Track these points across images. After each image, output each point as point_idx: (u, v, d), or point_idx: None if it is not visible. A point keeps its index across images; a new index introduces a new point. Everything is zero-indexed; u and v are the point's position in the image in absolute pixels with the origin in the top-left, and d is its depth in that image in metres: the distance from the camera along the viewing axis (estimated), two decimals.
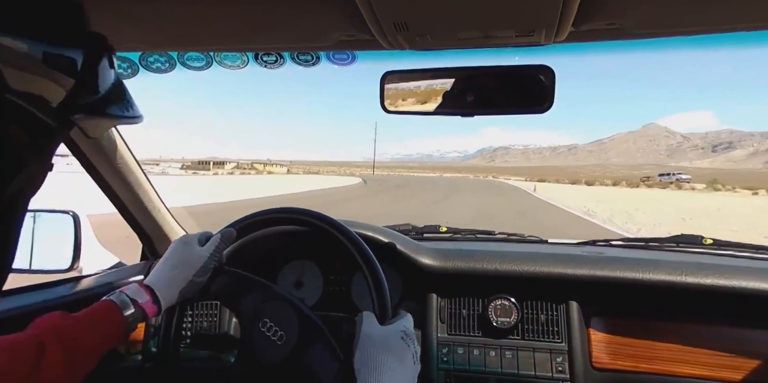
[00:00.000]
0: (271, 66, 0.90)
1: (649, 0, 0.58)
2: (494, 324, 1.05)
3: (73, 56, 0.34)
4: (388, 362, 0.60)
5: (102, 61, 0.38)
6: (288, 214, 0.81)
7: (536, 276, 1.06)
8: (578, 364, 1.01)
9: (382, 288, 0.71)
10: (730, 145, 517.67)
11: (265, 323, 0.71)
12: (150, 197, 1.25)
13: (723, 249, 1.23)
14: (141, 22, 0.69)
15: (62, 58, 0.34)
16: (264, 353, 0.70)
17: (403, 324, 0.66)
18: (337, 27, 0.68)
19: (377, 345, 0.61)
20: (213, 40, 0.78)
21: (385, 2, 0.57)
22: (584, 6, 0.57)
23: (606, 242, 1.35)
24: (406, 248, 1.12)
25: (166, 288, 0.70)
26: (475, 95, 0.81)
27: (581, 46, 0.75)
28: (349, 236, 0.76)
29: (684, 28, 0.66)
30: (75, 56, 0.35)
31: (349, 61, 0.88)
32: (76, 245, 1.18)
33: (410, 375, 0.62)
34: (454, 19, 0.63)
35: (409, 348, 0.63)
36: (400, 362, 0.61)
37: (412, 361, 0.63)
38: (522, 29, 0.65)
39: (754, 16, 0.60)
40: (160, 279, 0.71)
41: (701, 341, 0.97)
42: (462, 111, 0.82)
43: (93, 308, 0.65)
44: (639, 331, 1.01)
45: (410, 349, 0.63)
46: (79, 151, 1.06)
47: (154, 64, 0.91)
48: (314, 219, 0.78)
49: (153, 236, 1.31)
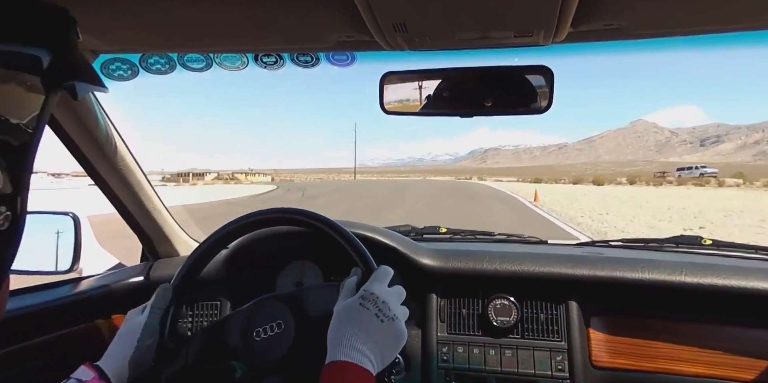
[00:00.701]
0: (271, 67, 0.90)
1: (646, 1, 0.58)
2: (494, 324, 1.05)
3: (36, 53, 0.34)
4: (346, 333, 0.61)
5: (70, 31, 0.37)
6: (281, 214, 0.82)
7: (536, 276, 1.06)
8: (578, 363, 1.01)
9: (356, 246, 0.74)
10: (718, 139, 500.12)
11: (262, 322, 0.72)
12: (150, 198, 1.25)
13: (722, 249, 1.23)
14: (141, 24, 0.69)
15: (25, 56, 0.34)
16: (262, 352, 0.70)
17: (365, 290, 0.67)
18: (337, 28, 0.69)
19: (339, 322, 0.64)
20: (213, 42, 0.78)
21: (384, 3, 0.57)
22: (582, 7, 0.58)
23: (605, 243, 1.35)
24: (406, 249, 1.12)
25: (112, 361, 0.69)
26: (474, 96, 0.82)
27: (580, 47, 0.75)
28: (321, 220, 0.78)
29: (681, 28, 0.66)
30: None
31: (349, 62, 0.88)
32: (76, 246, 1.18)
33: (380, 332, 0.63)
34: (453, 20, 0.63)
35: (369, 311, 0.64)
36: (359, 328, 0.62)
37: (378, 320, 0.63)
38: (520, 30, 0.66)
39: (751, 16, 0.60)
40: (107, 356, 0.70)
41: (700, 340, 0.97)
42: (461, 112, 0.82)
43: None
44: (638, 330, 1.01)
45: (370, 311, 0.64)
46: (79, 152, 1.06)
47: (154, 66, 0.91)
48: (306, 218, 0.80)
49: (153, 237, 1.31)
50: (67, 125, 0.99)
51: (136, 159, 1.18)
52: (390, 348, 0.64)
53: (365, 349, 0.60)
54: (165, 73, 0.92)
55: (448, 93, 0.83)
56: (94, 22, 0.70)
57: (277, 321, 0.72)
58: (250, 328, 0.72)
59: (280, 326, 0.72)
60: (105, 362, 0.69)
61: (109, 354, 0.70)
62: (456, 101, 0.83)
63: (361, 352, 0.60)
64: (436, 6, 0.59)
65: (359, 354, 0.59)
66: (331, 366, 0.59)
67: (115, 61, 0.90)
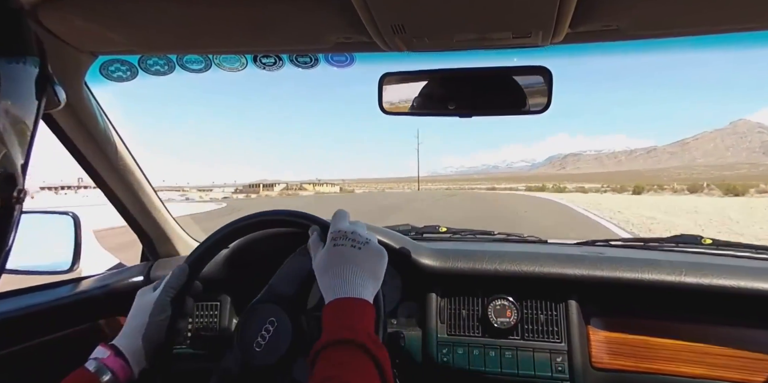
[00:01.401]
0: (269, 68, 0.91)
1: (644, 2, 0.58)
2: (494, 324, 1.05)
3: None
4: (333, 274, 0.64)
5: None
6: (275, 216, 0.83)
7: (536, 276, 1.06)
8: (578, 364, 1.01)
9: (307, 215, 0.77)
10: None
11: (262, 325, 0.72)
12: (150, 197, 1.25)
13: (722, 249, 1.23)
14: (140, 26, 0.70)
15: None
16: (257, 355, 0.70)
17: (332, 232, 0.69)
18: (335, 29, 0.69)
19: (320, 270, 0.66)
20: (212, 43, 0.78)
21: (382, 4, 0.57)
22: (580, 8, 0.58)
23: (605, 243, 1.35)
24: (406, 249, 1.12)
25: (126, 339, 0.70)
26: (472, 96, 0.82)
27: (579, 48, 0.75)
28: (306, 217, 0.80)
29: (679, 29, 0.66)
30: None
31: (348, 63, 0.88)
32: (76, 246, 1.18)
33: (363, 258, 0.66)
34: (451, 21, 0.63)
35: (344, 246, 0.67)
36: (341, 264, 0.65)
37: (356, 249, 0.66)
38: (519, 31, 0.65)
39: (748, 17, 0.60)
40: (122, 335, 0.72)
41: (701, 340, 0.97)
42: (460, 112, 0.82)
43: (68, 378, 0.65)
44: (638, 331, 1.01)
45: (344, 246, 0.67)
46: (78, 152, 1.06)
47: (153, 67, 0.91)
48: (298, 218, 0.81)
49: (153, 237, 1.32)
50: (65, 125, 0.99)
51: (136, 159, 1.18)
52: (378, 266, 0.67)
53: (358, 279, 0.63)
54: (164, 74, 0.92)
55: (446, 93, 0.83)
56: (93, 24, 0.70)
57: (270, 319, 0.72)
58: (249, 342, 0.72)
59: (273, 323, 0.72)
60: (120, 340, 0.70)
61: (124, 333, 0.72)
62: (454, 101, 0.83)
63: (354, 284, 0.63)
64: (434, 7, 0.59)
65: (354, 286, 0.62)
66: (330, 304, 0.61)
67: (114, 63, 0.90)
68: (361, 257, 0.66)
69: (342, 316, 0.59)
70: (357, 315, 0.60)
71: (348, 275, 0.63)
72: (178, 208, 10.47)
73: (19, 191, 0.35)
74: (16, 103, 0.33)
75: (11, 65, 0.33)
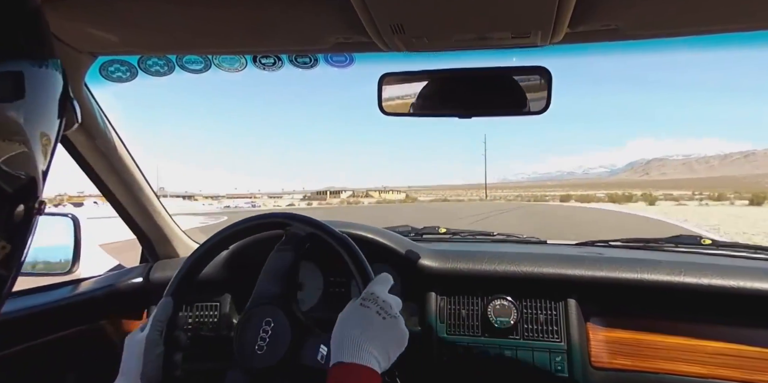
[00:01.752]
0: (269, 68, 0.91)
1: (643, 2, 0.58)
2: (494, 324, 1.05)
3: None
4: (351, 334, 0.62)
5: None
6: (282, 219, 0.84)
7: (535, 277, 1.06)
8: (577, 363, 1.01)
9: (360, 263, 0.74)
10: None
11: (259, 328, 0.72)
12: (150, 199, 1.25)
13: (721, 249, 1.23)
14: (140, 26, 0.70)
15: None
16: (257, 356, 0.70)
17: (365, 293, 0.68)
18: (334, 29, 0.69)
19: (339, 323, 0.64)
20: (212, 44, 0.78)
21: (381, 5, 0.57)
22: (579, 8, 0.58)
23: (605, 243, 1.35)
24: (406, 250, 1.12)
25: (126, 379, 0.70)
26: (472, 97, 0.82)
27: (578, 47, 0.75)
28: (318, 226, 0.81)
29: (679, 28, 0.66)
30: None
31: (347, 63, 0.88)
32: (75, 247, 1.18)
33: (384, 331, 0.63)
34: (450, 21, 0.63)
35: (369, 309, 0.64)
36: (360, 325, 0.63)
37: (380, 317, 0.64)
38: (518, 31, 0.66)
39: (748, 17, 0.61)
40: (121, 374, 0.71)
41: (700, 340, 0.97)
42: (459, 112, 0.82)
43: None
44: (638, 330, 1.01)
45: (371, 309, 0.64)
46: (77, 154, 1.06)
47: (153, 68, 0.91)
48: (307, 225, 0.82)
49: (153, 238, 1.31)
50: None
51: (135, 160, 1.18)
52: (394, 347, 0.64)
53: (371, 349, 0.60)
54: (164, 74, 0.92)
55: (446, 94, 0.83)
56: (93, 25, 0.70)
57: (266, 320, 0.72)
58: (249, 348, 0.72)
59: (270, 323, 0.72)
60: (120, 380, 0.70)
61: (123, 372, 0.71)
62: (454, 101, 0.83)
63: (367, 352, 0.59)
64: (433, 7, 0.59)
65: (366, 354, 0.59)
66: (338, 367, 0.58)
67: (113, 63, 0.91)
68: (383, 330, 0.63)
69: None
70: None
71: (363, 342, 0.60)
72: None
73: (40, 203, 0.33)
74: (40, 110, 0.32)
75: (35, 69, 0.32)
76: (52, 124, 0.34)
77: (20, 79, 0.30)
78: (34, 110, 0.31)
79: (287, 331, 0.70)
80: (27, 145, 0.30)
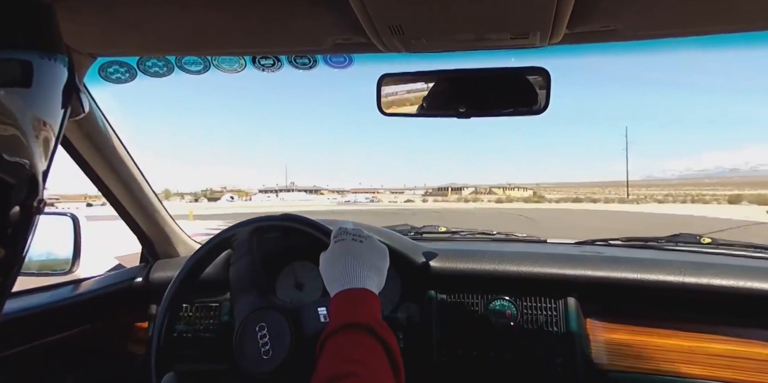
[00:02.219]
0: (268, 70, 0.91)
1: (642, 2, 0.58)
2: (493, 325, 1.05)
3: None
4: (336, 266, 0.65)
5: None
6: (281, 221, 0.85)
7: (535, 276, 1.06)
8: (577, 364, 1.01)
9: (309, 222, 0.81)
10: None
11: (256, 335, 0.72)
12: (150, 199, 1.25)
13: (721, 248, 1.23)
14: (139, 28, 0.70)
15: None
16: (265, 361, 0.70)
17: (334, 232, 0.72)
18: (333, 30, 0.69)
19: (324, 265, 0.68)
20: (211, 45, 0.78)
21: (380, 5, 0.57)
22: (578, 9, 0.58)
23: (605, 242, 1.35)
24: (405, 249, 1.12)
25: None
26: (471, 97, 0.82)
27: (577, 48, 0.75)
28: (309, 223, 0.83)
29: (677, 29, 0.66)
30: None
31: (346, 64, 0.88)
32: (75, 247, 1.18)
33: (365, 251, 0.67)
34: (449, 21, 0.63)
35: (344, 241, 0.68)
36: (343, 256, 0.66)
37: (357, 242, 0.68)
38: (516, 32, 0.66)
39: (747, 17, 0.60)
40: None
41: (700, 340, 0.97)
42: (458, 113, 0.82)
43: None
44: (638, 331, 1.01)
45: (345, 241, 0.68)
46: (77, 154, 1.06)
47: (152, 69, 0.92)
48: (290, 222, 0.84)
49: (153, 238, 1.32)
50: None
51: (135, 160, 1.18)
52: (382, 263, 0.68)
53: (365, 271, 0.63)
54: (163, 75, 0.92)
55: (445, 94, 0.83)
56: (92, 26, 0.70)
57: (260, 325, 0.73)
58: (255, 356, 0.72)
59: (263, 327, 0.72)
60: None
61: None
62: (453, 102, 0.83)
63: (363, 276, 0.63)
64: (432, 8, 0.59)
65: (363, 278, 0.62)
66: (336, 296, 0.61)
67: (112, 64, 0.91)
68: (364, 250, 0.67)
69: (349, 305, 0.60)
70: (366, 304, 0.60)
71: (352, 266, 0.64)
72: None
73: (39, 201, 0.33)
74: (45, 104, 0.32)
75: (44, 61, 0.31)
76: (55, 114, 0.33)
77: (29, 69, 0.30)
78: (38, 100, 0.31)
79: (281, 322, 0.71)
80: (26, 135, 0.30)
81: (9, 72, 0.29)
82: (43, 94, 0.31)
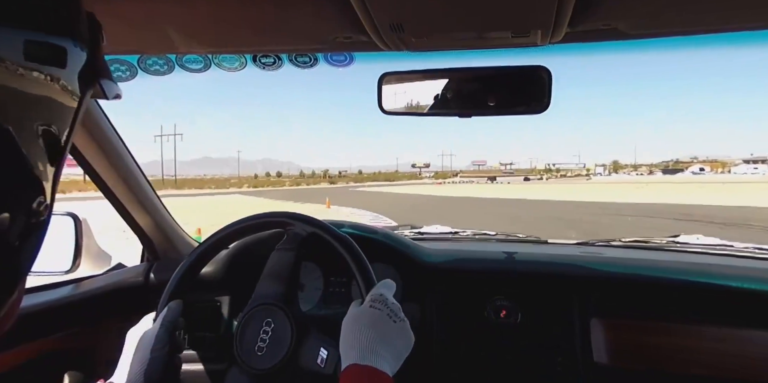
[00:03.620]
0: (269, 68, 0.91)
1: (643, 1, 0.58)
2: (494, 324, 1.05)
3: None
4: (362, 334, 0.62)
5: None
6: (283, 218, 0.84)
7: (535, 276, 1.06)
8: (578, 363, 1.01)
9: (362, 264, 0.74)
10: None
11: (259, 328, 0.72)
12: (150, 198, 1.25)
13: (721, 249, 1.23)
14: (140, 26, 0.70)
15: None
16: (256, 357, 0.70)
17: (372, 295, 0.68)
18: (334, 29, 0.69)
19: (350, 324, 0.64)
20: (212, 43, 0.78)
21: (381, 4, 0.57)
22: (579, 7, 0.58)
23: (606, 243, 1.35)
24: (406, 249, 1.12)
25: (125, 376, 0.69)
26: (472, 96, 0.82)
27: (578, 47, 0.75)
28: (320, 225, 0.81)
29: (679, 28, 0.66)
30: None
31: (347, 62, 0.88)
32: (76, 246, 1.18)
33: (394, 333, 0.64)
34: (450, 20, 0.63)
35: (381, 311, 0.65)
36: (373, 327, 0.63)
37: (391, 321, 0.64)
38: (518, 30, 0.65)
39: (748, 16, 0.60)
40: (119, 373, 0.71)
41: (701, 340, 0.97)
42: (459, 112, 0.82)
43: None
44: (638, 330, 1.01)
45: (382, 312, 0.65)
46: (77, 152, 1.06)
47: (152, 67, 0.92)
48: (309, 225, 0.82)
49: (153, 238, 1.31)
50: None
51: (135, 159, 1.18)
52: (404, 352, 0.64)
53: (385, 352, 0.60)
54: (163, 74, 0.92)
55: (446, 93, 0.83)
56: None
57: (266, 321, 0.72)
58: (250, 349, 0.72)
59: (270, 324, 0.72)
60: (118, 377, 0.69)
61: (123, 370, 0.71)
62: (454, 101, 0.83)
63: (382, 356, 0.59)
64: (433, 6, 0.59)
65: (381, 358, 0.59)
66: (351, 369, 0.58)
67: (113, 63, 0.91)
68: (394, 332, 0.63)
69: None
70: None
71: (377, 343, 0.60)
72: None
73: (39, 204, 0.29)
74: (63, 92, 0.30)
75: (72, 49, 0.30)
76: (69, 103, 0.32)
77: (63, 54, 0.30)
78: (66, 82, 0.30)
79: (287, 332, 0.70)
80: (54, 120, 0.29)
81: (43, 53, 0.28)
82: (61, 77, 0.31)
